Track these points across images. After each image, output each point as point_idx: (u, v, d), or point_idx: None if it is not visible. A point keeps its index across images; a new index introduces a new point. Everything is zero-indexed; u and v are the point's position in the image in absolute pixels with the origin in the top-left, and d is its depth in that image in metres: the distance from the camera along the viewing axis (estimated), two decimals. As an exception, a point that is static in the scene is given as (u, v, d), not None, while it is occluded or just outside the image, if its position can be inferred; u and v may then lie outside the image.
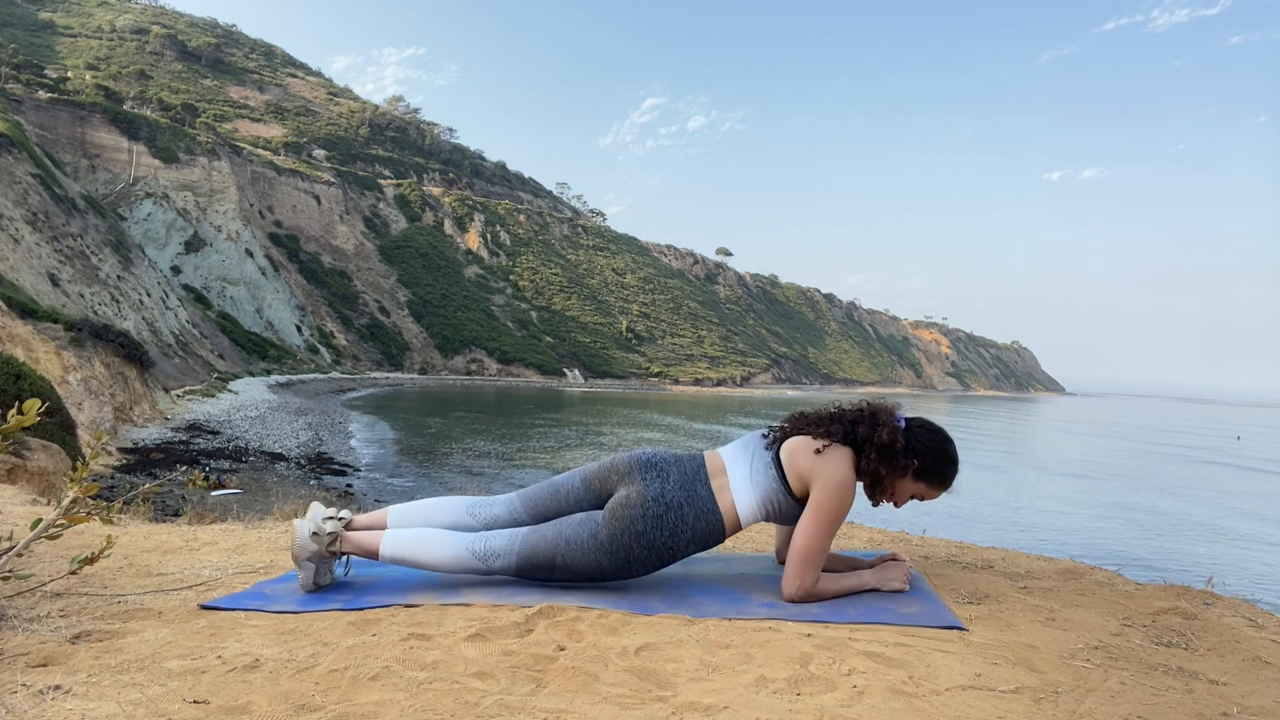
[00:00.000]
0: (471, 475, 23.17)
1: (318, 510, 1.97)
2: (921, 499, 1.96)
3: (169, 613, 1.70)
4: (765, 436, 1.96)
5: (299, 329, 61.89)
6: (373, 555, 1.92)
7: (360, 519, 2.02)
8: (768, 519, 1.89)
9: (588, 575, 1.85)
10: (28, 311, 21.22)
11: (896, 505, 1.97)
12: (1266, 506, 28.06)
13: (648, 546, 1.81)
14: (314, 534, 1.88)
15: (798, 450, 1.86)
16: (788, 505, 1.86)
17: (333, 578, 1.95)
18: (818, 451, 1.83)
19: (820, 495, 1.80)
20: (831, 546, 2.40)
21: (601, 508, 1.89)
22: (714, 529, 1.85)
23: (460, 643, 1.50)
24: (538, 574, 1.88)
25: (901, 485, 1.92)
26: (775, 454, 1.89)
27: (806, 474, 1.83)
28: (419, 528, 1.96)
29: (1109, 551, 18.01)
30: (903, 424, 1.92)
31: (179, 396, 31.95)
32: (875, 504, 1.97)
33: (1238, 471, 39.35)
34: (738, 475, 1.88)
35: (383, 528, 2.00)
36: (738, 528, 1.88)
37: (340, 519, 1.95)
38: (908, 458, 1.88)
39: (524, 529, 1.91)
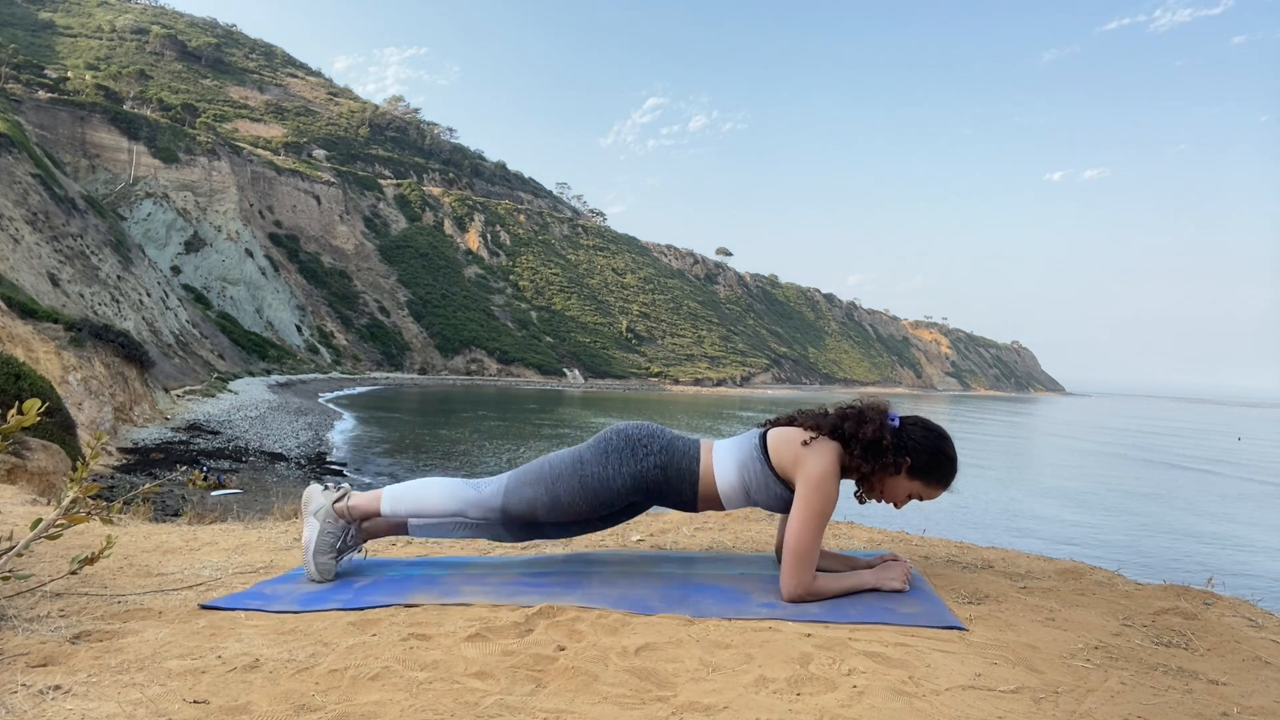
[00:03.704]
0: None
1: (317, 487, 2.12)
2: (920, 498, 1.94)
3: (169, 613, 1.70)
4: (760, 427, 2.00)
5: (299, 329, 61.89)
6: (375, 514, 2.03)
7: (356, 495, 2.14)
8: (745, 489, 1.90)
9: (568, 503, 1.91)
10: (28, 311, 21.22)
11: (896, 506, 1.95)
12: (1268, 511, 28.05)
13: (629, 460, 1.89)
14: (325, 488, 2.05)
15: (785, 436, 1.89)
16: (766, 477, 1.87)
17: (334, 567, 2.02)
18: (805, 443, 1.85)
19: (804, 490, 1.80)
20: (832, 546, 2.42)
21: None
22: (690, 468, 1.91)
23: (460, 643, 1.50)
24: (522, 506, 1.94)
25: (895, 484, 1.90)
26: (762, 434, 1.93)
27: (790, 463, 1.84)
28: (414, 480, 2.11)
29: (1109, 552, 18.02)
30: (896, 422, 1.90)
31: (179, 396, 31.95)
32: (862, 502, 1.97)
33: (1240, 478, 39.30)
34: (721, 443, 1.97)
35: (376, 508, 2.10)
36: (713, 488, 1.91)
37: (340, 490, 2.10)
38: (899, 455, 1.87)
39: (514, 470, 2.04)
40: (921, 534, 2.72)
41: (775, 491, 1.88)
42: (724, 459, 1.91)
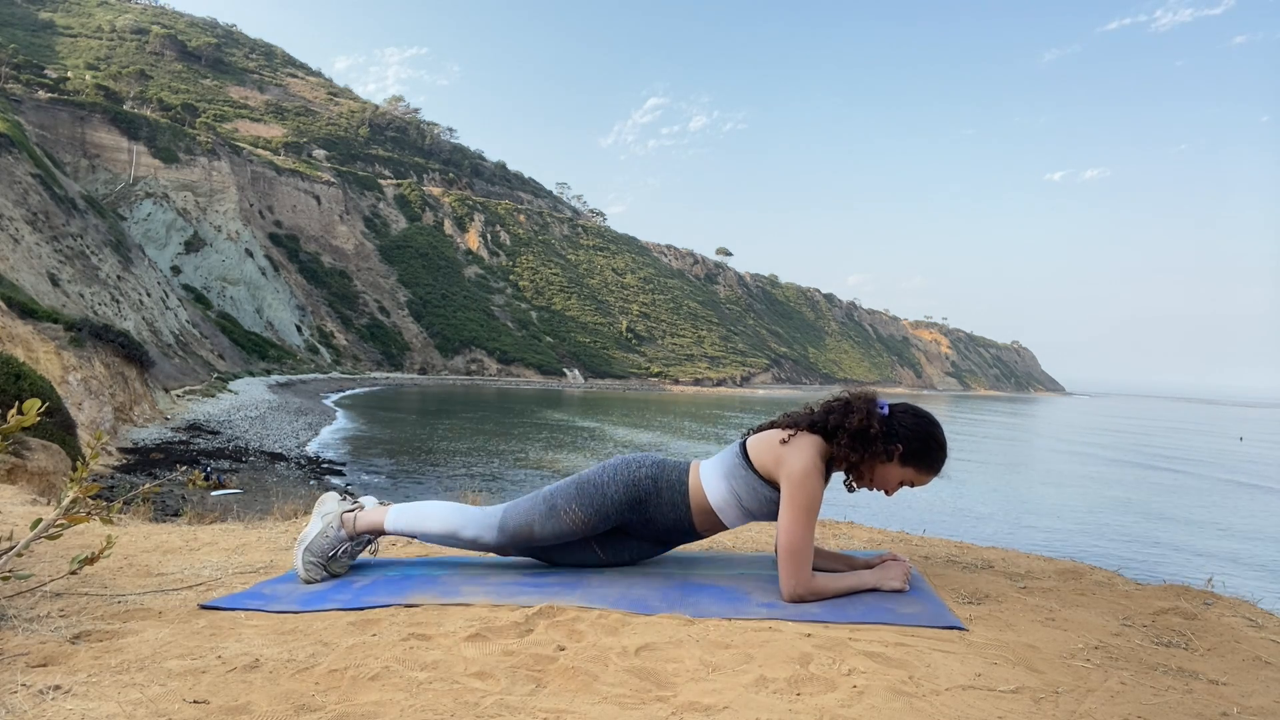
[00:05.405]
0: (469, 476, 23.17)
1: (335, 495, 2.20)
2: (912, 485, 1.95)
3: (169, 613, 1.70)
4: (742, 438, 2.03)
5: (299, 329, 61.88)
6: (379, 530, 2.10)
7: (365, 511, 2.22)
8: (736, 497, 1.92)
9: (564, 509, 1.97)
10: (28, 311, 21.22)
11: (888, 493, 1.96)
12: (1270, 512, 28.03)
13: (622, 470, 1.97)
14: (343, 498, 2.15)
15: (764, 438, 1.92)
16: (752, 481, 1.89)
17: (335, 570, 2.05)
18: (783, 441, 1.87)
19: (788, 488, 1.82)
20: (832, 546, 2.42)
21: None
22: (679, 479, 1.97)
23: (460, 643, 1.50)
24: (521, 527, 2.01)
25: (887, 471, 1.91)
26: (742, 444, 1.97)
27: (772, 464, 1.87)
28: (420, 501, 2.18)
29: (1109, 551, 18.01)
30: (885, 410, 1.92)
31: (179, 396, 31.95)
32: (851, 490, 1.97)
33: (1241, 479, 39.26)
34: (706, 461, 2.02)
35: (381, 524, 2.17)
36: (704, 500, 1.94)
37: (358, 503, 2.18)
38: (889, 442, 1.88)
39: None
40: (921, 534, 2.71)
41: (764, 495, 1.90)
42: (710, 471, 1.97)
